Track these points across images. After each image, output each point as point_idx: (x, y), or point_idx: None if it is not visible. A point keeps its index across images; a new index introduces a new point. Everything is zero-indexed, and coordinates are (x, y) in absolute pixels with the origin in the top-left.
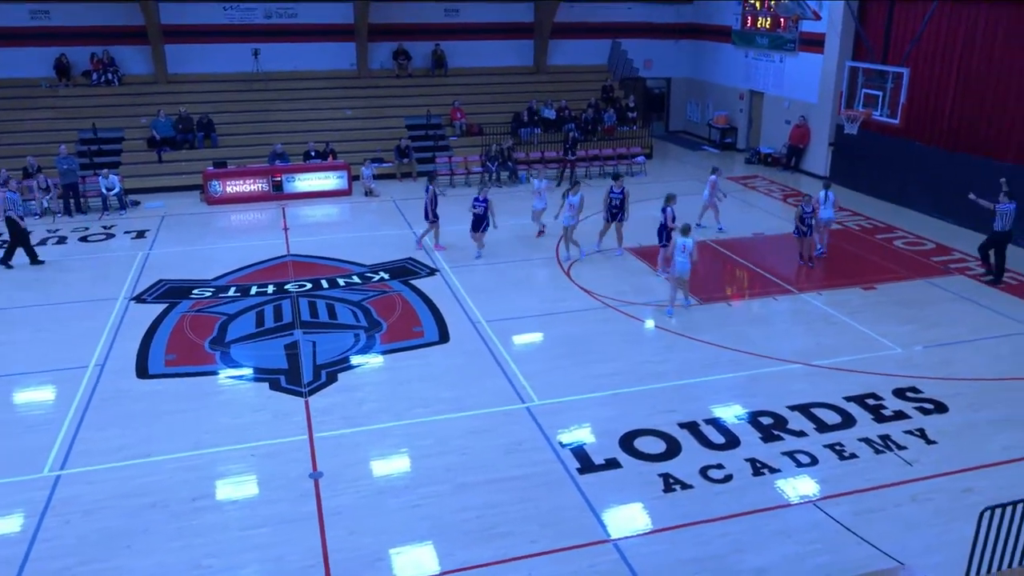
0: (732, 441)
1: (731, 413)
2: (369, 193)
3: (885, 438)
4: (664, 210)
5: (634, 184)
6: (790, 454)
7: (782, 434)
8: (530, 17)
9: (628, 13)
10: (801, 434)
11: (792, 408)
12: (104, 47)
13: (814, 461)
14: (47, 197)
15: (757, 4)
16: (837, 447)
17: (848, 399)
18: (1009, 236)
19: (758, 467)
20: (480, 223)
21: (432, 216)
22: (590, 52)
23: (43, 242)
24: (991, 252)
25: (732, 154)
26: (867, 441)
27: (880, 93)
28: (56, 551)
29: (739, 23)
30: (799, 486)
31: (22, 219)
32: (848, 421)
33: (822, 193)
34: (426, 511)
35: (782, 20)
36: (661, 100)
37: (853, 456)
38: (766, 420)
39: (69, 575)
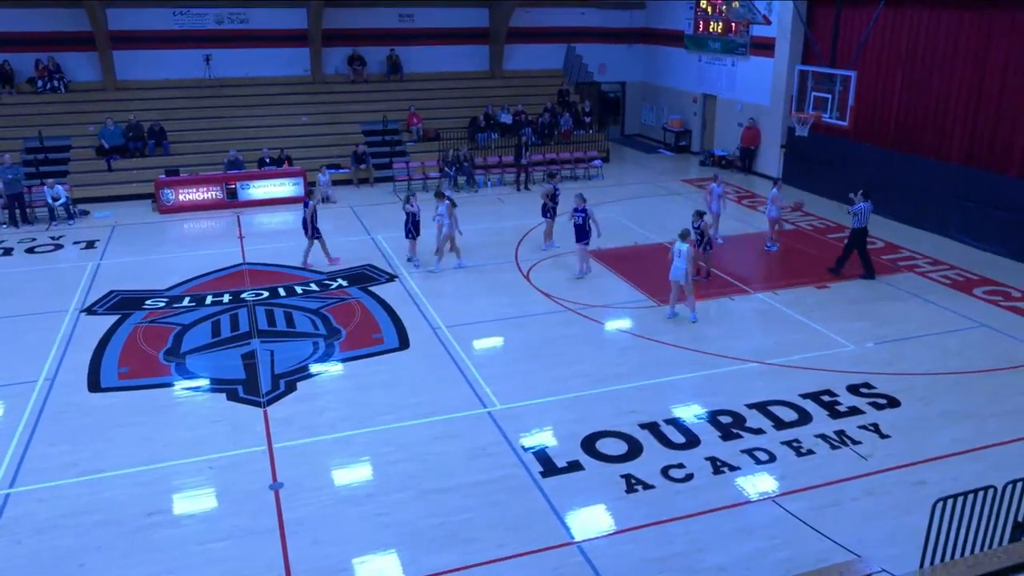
0: (692, 440)
1: (691, 413)
2: (326, 200)
3: (840, 434)
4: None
5: (592, 187)
6: (749, 452)
7: (741, 432)
8: (485, 22)
9: (582, 18)
10: (759, 432)
11: (750, 406)
12: (49, 53)
13: (772, 458)
14: None
15: (709, 9)
16: (794, 444)
17: (804, 396)
18: (865, 232)
19: (718, 465)
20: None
21: (313, 232)
22: (545, 57)
23: None
24: (855, 250)
25: (686, 157)
26: (823, 437)
27: (829, 96)
28: (7, 572)
29: (691, 27)
30: (758, 483)
31: None
32: (804, 418)
33: (773, 191)
34: (390, 519)
35: (733, 24)
36: (616, 104)
37: (810, 452)
38: (725, 419)
39: None
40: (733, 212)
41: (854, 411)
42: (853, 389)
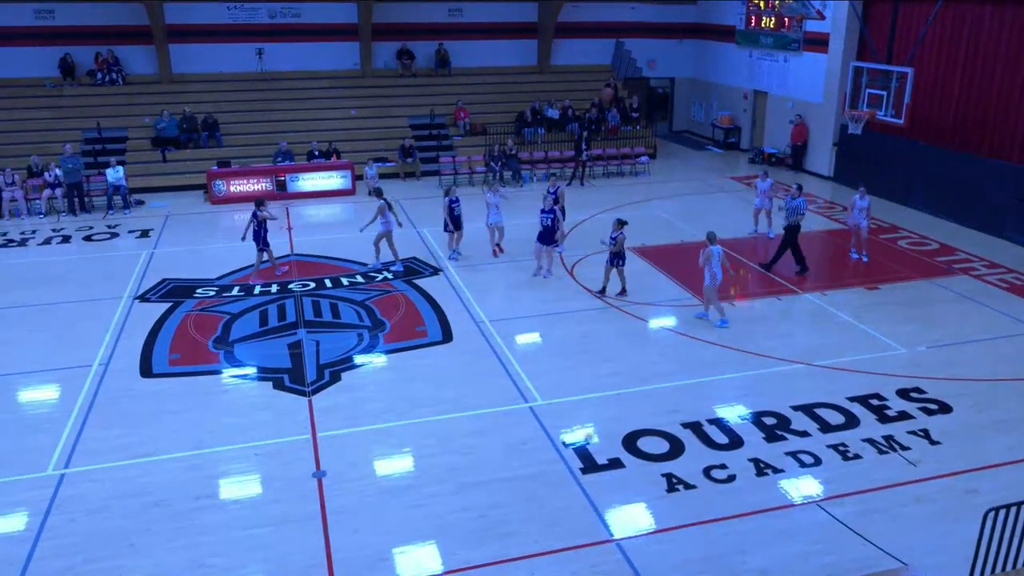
0: (735, 441)
1: (734, 413)
2: (372, 193)
3: (889, 438)
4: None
5: (639, 184)
6: (793, 454)
7: (785, 434)
8: (534, 17)
9: (632, 13)
10: (804, 434)
11: (795, 408)
12: (108, 47)
13: (817, 461)
14: (52, 193)
15: (761, 4)
16: (841, 447)
17: (852, 399)
18: (798, 228)
19: (761, 467)
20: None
21: (263, 243)
22: (594, 52)
23: (47, 241)
24: (789, 248)
25: (735, 154)
26: (871, 441)
27: (884, 93)
28: (60, 550)
29: (743, 23)
30: (802, 486)
31: None
32: (852, 421)
33: (768, 181)
34: (429, 511)
35: (786, 20)
36: (665, 100)
37: (857, 456)
38: (769, 420)
39: (73, 574)
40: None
41: (904, 416)
42: (903, 393)
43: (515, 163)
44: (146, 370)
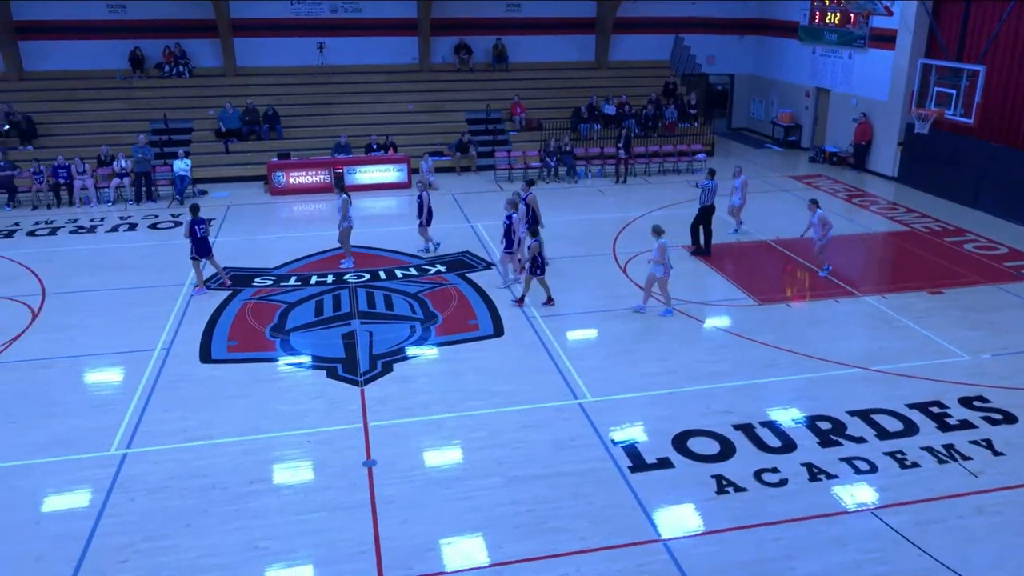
0: (788, 445)
1: (788, 416)
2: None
3: (949, 447)
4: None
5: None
6: (848, 460)
7: (840, 439)
8: (592, 13)
9: (691, 8)
10: (860, 440)
11: (852, 413)
12: (176, 40)
13: (873, 468)
14: (119, 182)
15: (827, 0)
16: (898, 455)
17: (911, 406)
18: (712, 209)
19: (815, 472)
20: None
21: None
22: (652, 48)
23: (115, 228)
24: (700, 228)
25: (796, 152)
26: (930, 450)
27: (954, 91)
28: (121, 527)
29: (807, 19)
30: (857, 493)
31: None
32: (910, 429)
33: (738, 180)
34: (477, 503)
35: (852, 16)
36: (724, 97)
37: (915, 465)
38: (824, 425)
39: (133, 551)
40: (841, 210)
41: (965, 425)
42: (966, 402)
43: (570, 159)
44: (205, 356)
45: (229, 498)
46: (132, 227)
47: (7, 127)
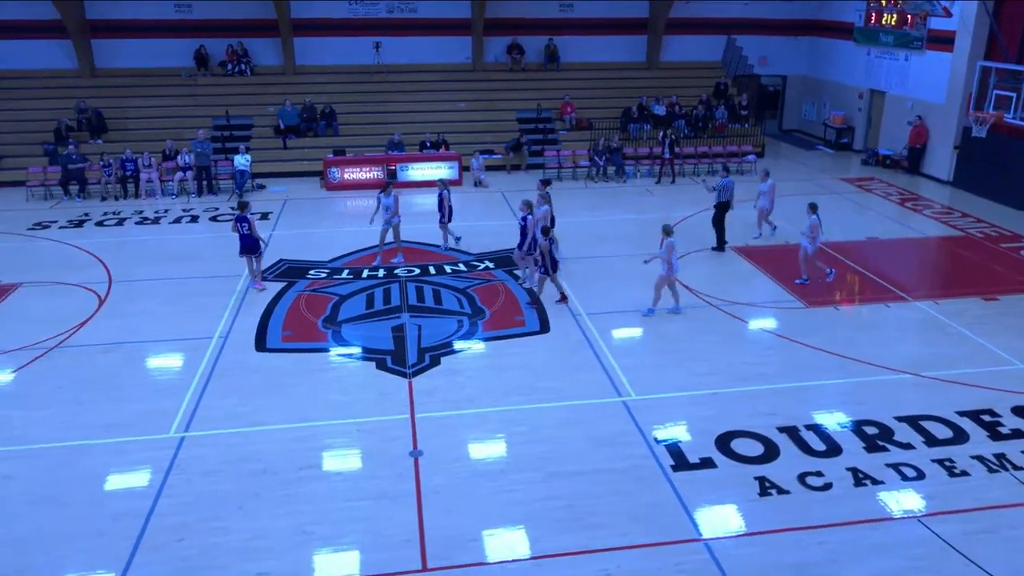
0: (833, 449)
1: (834, 420)
2: (478, 184)
3: (1000, 457)
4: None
5: (743, 183)
6: (895, 466)
7: (887, 445)
8: (644, 13)
9: (745, 9)
10: (908, 446)
11: (900, 419)
12: (239, 39)
13: (921, 475)
14: (183, 176)
15: (883, 1)
16: (947, 463)
17: (961, 414)
18: (728, 205)
19: (860, 477)
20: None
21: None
22: (704, 48)
23: (178, 220)
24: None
25: (848, 155)
26: (980, 459)
27: (1014, 94)
28: (178, 507)
29: (862, 20)
30: (903, 500)
31: None
32: (960, 436)
33: (765, 184)
34: (519, 496)
35: (909, 17)
36: (775, 98)
37: (964, 473)
38: (871, 430)
39: (188, 531)
40: (894, 214)
41: (1018, 434)
42: (1019, 411)
43: (619, 158)
44: (261, 344)
45: (280, 483)
46: (194, 219)
47: (80, 121)
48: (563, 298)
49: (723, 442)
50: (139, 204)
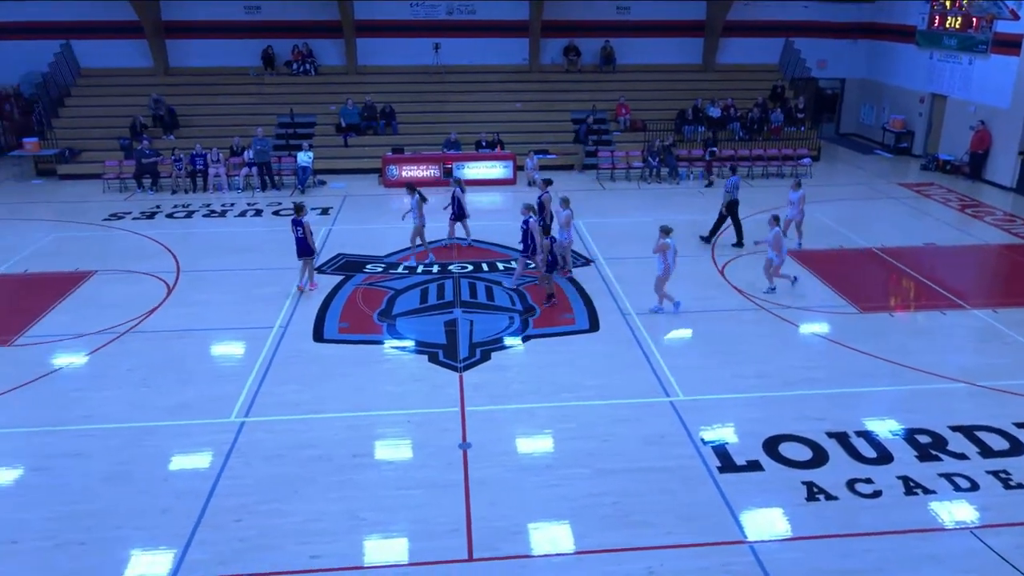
0: (884, 456)
1: (885, 427)
2: (532, 183)
3: None
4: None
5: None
6: (948, 476)
7: (940, 455)
8: (702, 15)
9: (804, 12)
10: (962, 457)
11: (954, 429)
12: (304, 40)
13: (975, 487)
14: (248, 172)
15: (947, 3)
16: (1002, 474)
17: (1019, 425)
18: (735, 204)
19: (911, 486)
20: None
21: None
22: (761, 51)
23: (243, 214)
24: (737, 222)
25: (906, 159)
26: None
27: None
28: (237, 489)
29: (925, 23)
30: (956, 511)
31: None
32: (1017, 448)
33: (795, 194)
34: (565, 491)
35: (974, 20)
36: (833, 101)
37: (1020, 486)
38: (923, 438)
39: (246, 512)
40: (954, 221)
41: None
42: None
43: (672, 159)
44: (318, 335)
45: (334, 469)
46: (258, 213)
47: (154, 117)
48: (550, 298)
49: (771, 445)
50: (207, 197)
